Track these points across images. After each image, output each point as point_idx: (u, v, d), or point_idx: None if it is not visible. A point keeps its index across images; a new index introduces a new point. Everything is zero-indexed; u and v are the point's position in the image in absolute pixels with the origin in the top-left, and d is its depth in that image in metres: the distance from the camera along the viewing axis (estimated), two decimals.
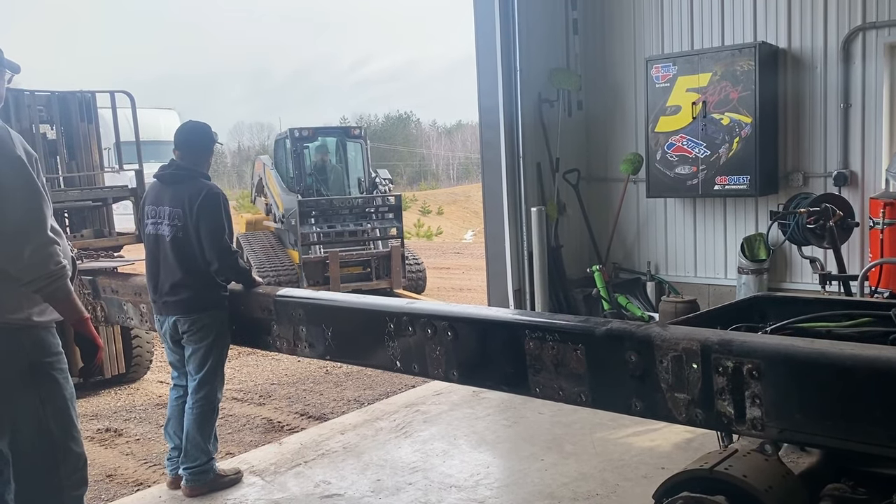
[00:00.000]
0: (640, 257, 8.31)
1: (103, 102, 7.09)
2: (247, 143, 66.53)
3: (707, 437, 3.48)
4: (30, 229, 2.71)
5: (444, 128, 72.75)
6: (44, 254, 2.72)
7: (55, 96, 6.78)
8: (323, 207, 11.18)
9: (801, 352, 2.22)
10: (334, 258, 10.68)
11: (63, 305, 2.85)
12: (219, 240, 4.10)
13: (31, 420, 2.82)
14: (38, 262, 2.71)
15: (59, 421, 2.88)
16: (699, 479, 2.25)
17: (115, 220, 7.14)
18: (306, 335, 3.64)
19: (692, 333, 2.45)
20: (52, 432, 2.86)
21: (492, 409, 5.55)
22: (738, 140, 7.14)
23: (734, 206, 7.64)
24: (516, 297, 7.76)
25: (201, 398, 4.24)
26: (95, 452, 5.46)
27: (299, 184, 11.89)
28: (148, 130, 12.86)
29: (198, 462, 4.27)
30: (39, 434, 2.83)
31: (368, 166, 12.72)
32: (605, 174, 8.40)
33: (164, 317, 4.27)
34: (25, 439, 2.82)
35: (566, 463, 4.51)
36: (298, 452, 4.96)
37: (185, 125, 4.41)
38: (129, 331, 6.93)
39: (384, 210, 11.47)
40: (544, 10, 7.90)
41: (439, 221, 34.34)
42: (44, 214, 2.75)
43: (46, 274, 2.73)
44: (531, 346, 2.79)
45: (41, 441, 2.84)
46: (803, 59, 7.13)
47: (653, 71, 7.56)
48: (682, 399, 2.43)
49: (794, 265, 7.38)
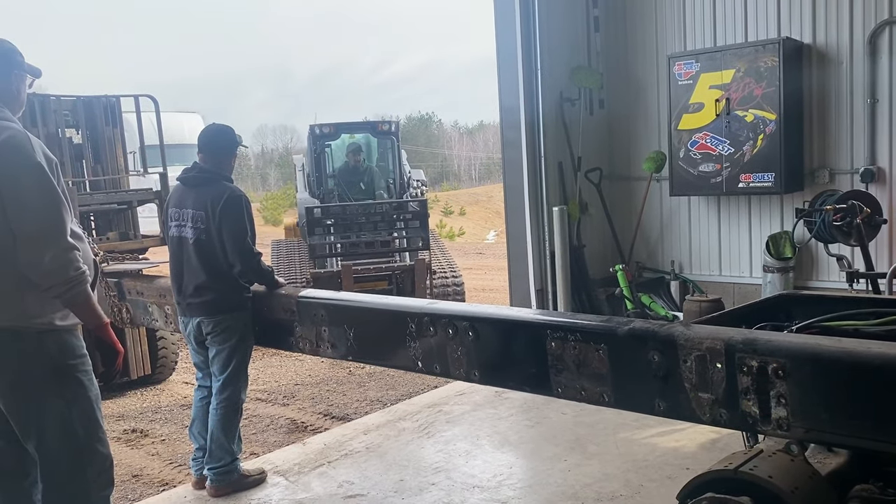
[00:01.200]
0: (663, 256, 8.24)
1: (128, 106, 7.17)
2: (270, 145, 67.08)
3: (732, 437, 3.44)
4: (49, 236, 2.73)
5: (466, 128, 72.88)
6: (63, 260, 2.74)
7: (81, 101, 6.87)
8: (336, 214, 9.45)
9: (827, 351, 2.19)
10: (347, 272, 9.05)
11: (82, 311, 2.88)
12: (241, 242, 4.13)
13: (57, 422, 2.85)
14: (57, 268, 2.73)
15: (85, 422, 2.91)
16: (724, 480, 2.23)
17: (139, 223, 7.22)
18: (329, 336, 3.65)
19: (716, 333, 2.42)
20: (78, 434, 2.89)
21: (514, 409, 5.54)
22: (763, 137, 7.06)
23: (759, 203, 7.55)
24: (538, 297, 7.73)
25: (225, 399, 4.27)
26: (122, 453, 5.52)
27: (319, 187, 10.77)
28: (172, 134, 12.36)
29: (222, 462, 4.30)
30: (66, 436, 2.87)
31: (400, 166, 11.29)
32: (628, 173, 8.35)
33: (188, 318, 4.30)
34: (52, 441, 2.86)
35: (589, 463, 4.49)
36: (322, 453, 4.98)
37: (209, 128, 4.44)
38: (154, 332, 7.00)
39: (408, 217, 9.59)
40: (565, 8, 7.87)
41: (461, 222, 34.34)
42: (63, 220, 2.77)
43: (65, 280, 2.75)
44: (553, 346, 2.77)
45: (68, 442, 2.88)
46: (828, 54, 7.03)
47: (675, 68, 7.50)
48: (707, 399, 2.41)
49: (820, 263, 7.28)
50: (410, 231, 9.49)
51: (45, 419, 2.84)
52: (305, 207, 9.52)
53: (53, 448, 2.87)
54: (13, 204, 2.70)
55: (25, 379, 2.81)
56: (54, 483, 2.90)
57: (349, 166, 11.09)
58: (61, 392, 2.85)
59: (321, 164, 11.02)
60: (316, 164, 10.97)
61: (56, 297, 2.78)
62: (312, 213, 9.19)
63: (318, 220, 9.21)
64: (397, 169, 11.30)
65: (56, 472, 2.89)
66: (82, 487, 2.91)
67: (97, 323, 2.93)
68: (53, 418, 2.85)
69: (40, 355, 2.82)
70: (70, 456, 2.89)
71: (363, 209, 9.52)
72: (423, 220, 9.45)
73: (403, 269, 9.62)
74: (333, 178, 11.09)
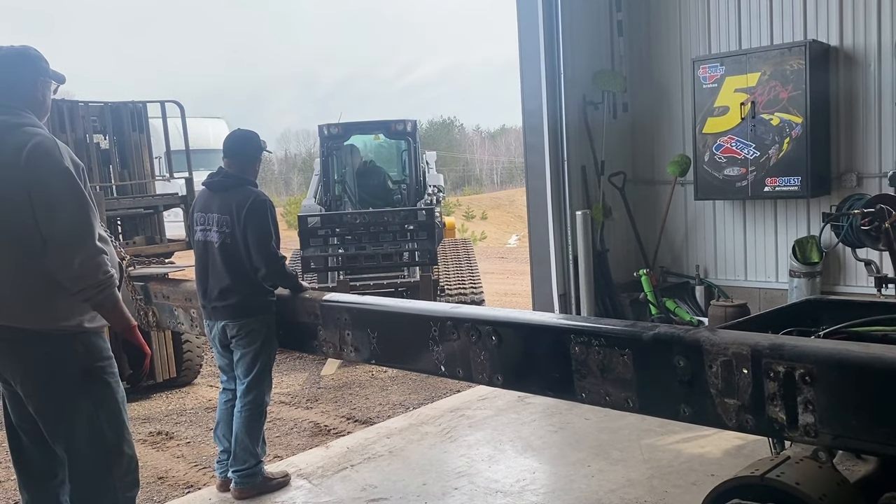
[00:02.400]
0: (688, 261, 8.18)
1: (154, 112, 7.26)
2: (293, 150, 67.47)
3: (758, 443, 3.41)
4: (78, 240, 2.78)
5: (488, 132, 72.82)
6: (92, 264, 2.79)
7: (108, 107, 6.97)
8: (333, 224, 8.32)
9: (855, 356, 2.17)
10: (343, 289, 7.96)
11: (111, 314, 2.93)
12: (266, 246, 4.16)
13: (85, 424, 2.90)
14: (86, 272, 2.78)
15: (112, 424, 2.96)
16: (750, 487, 2.21)
17: (165, 227, 7.30)
18: (352, 339, 3.66)
19: (742, 338, 2.40)
20: (105, 435, 2.93)
21: (537, 414, 5.52)
22: (789, 140, 6.99)
23: (785, 207, 7.48)
24: (561, 301, 7.70)
25: (249, 402, 4.30)
26: (147, 455, 5.57)
27: (326, 194, 9.83)
28: (197, 139, 12.07)
29: (246, 465, 4.33)
30: (94, 437, 2.91)
31: (416, 171, 10.20)
32: (652, 176, 8.30)
33: (213, 322, 4.34)
34: (81, 442, 2.91)
35: (613, 469, 4.46)
36: (345, 456, 4.99)
37: (233, 134, 4.49)
38: (179, 335, 7.07)
39: (414, 228, 8.49)
40: (588, 12, 7.84)
41: (483, 226, 34.33)
42: (91, 224, 2.82)
43: (95, 283, 2.80)
44: (577, 350, 2.76)
45: (95, 444, 2.92)
46: (856, 56, 6.95)
47: (700, 71, 7.45)
48: (732, 405, 2.39)
49: (847, 268, 7.19)
50: (416, 243, 8.40)
51: (75, 421, 2.89)
52: (299, 216, 8.55)
53: (82, 449, 2.91)
54: (42, 209, 2.75)
55: (55, 381, 2.86)
56: (82, 484, 2.95)
57: (354, 170, 10.24)
58: (90, 393, 2.90)
59: (328, 167, 10.10)
60: (324, 168, 10.07)
61: (85, 300, 2.83)
62: (306, 222, 8.09)
63: (313, 230, 8.08)
64: (412, 173, 10.22)
65: (84, 472, 2.94)
66: (109, 488, 2.95)
67: (125, 325, 2.99)
68: (82, 420, 2.89)
69: (69, 357, 2.87)
70: (98, 457, 2.93)
71: (363, 218, 8.43)
72: (431, 231, 8.34)
73: (408, 285, 8.69)
74: (340, 183, 10.12)
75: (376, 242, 8.33)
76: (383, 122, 10.31)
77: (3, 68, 2.88)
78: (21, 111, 2.86)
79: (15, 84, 2.89)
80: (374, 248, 8.29)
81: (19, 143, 2.76)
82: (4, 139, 2.77)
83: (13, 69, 2.89)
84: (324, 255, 8.09)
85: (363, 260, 8.38)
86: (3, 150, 2.76)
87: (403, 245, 8.40)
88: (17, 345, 2.84)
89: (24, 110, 2.87)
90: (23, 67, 2.91)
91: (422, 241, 8.33)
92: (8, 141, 2.77)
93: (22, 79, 2.90)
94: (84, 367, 2.89)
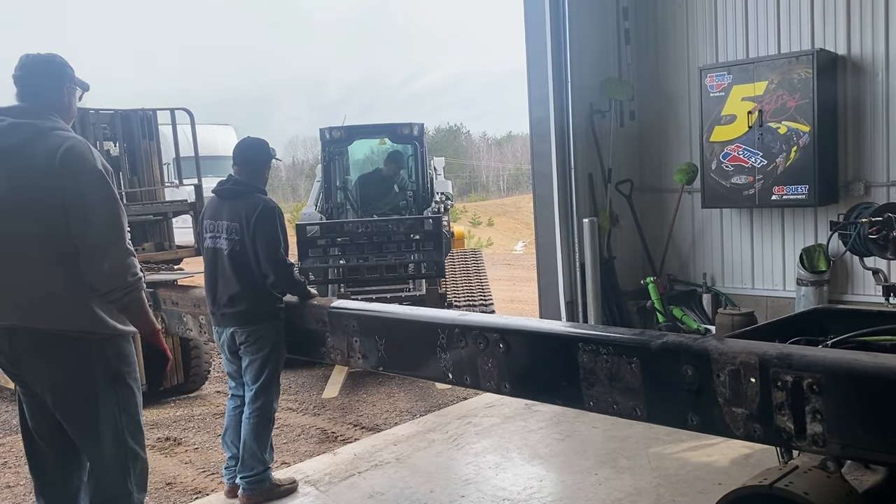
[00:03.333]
0: (695, 269, 8.17)
1: (163, 119, 7.31)
2: (301, 157, 67.63)
3: (766, 452, 3.41)
4: (110, 242, 2.82)
5: (495, 139, 72.89)
6: (122, 265, 2.83)
7: (118, 114, 7.01)
8: (333, 233, 7.66)
9: (864, 366, 2.17)
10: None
11: (137, 317, 2.96)
12: (274, 253, 4.18)
13: (111, 427, 2.93)
14: (116, 273, 2.82)
15: (132, 427, 2.99)
16: (758, 496, 2.21)
17: (174, 234, 7.33)
18: (360, 346, 3.68)
19: (750, 347, 2.41)
20: (126, 438, 2.97)
21: (544, 422, 5.52)
22: (796, 149, 6.99)
23: (792, 216, 7.47)
24: (568, 309, 7.70)
25: (258, 408, 4.31)
26: (156, 461, 5.59)
27: (328, 201, 9.12)
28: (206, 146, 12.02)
29: (254, 471, 4.34)
30: (117, 440, 2.94)
31: (423, 177, 9.46)
32: (659, 184, 8.30)
33: (221, 328, 4.36)
34: (107, 445, 2.93)
35: (621, 478, 4.46)
36: (352, 463, 5.00)
37: (243, 142, 4.52)
38: (188, 342, 7.09)
39: (420, 238, 7.80)
40: (595, 21, 7.86)
41: (490, 233, 34.33)
42: (122, 227, 2.87)
43: (124, 285, 2.83)
44: (585, 359, 2.77)
45: (117, 447, 2.95)
46: (863, 65, 6.95)
47: (707, 80, 7.46)
48: (740, 414, 2.39)
49: (855, 277, 7.17)
50: (422, 255, 7.73)
51: (101, 424, 2.91)
52: (297, 225, 7.79)
53: (106, 452, 2.93)
54: (76, 211, 2.79)
55: (86, 386, 2.89)
56: (104, 486, 2.97)
57: (382, 175, 9.43)
58: (116, 397, 2.94)
59: (330, 173, 9.30)
60: (325, 174, 9.27)
61: (112, 301, 2.86)
62: (304, 231, 7.45)
63: (313, 239, 7.42)
64: (419, 179, 9.43)
65: (106, 475, 2.97)
66: (128, 491, 2.98)
67: (150, 329, 3.02)
68: (108, 423, 2.92)
69: (100, 362, 2.90)
70: (119, 460, 2.96)
71: (366, 227, 7.79)
72: (438, 241, 7.65)
73: (413, 299, 8.14)
74: (343, 189, 9.36)
75: (380, 253, 7.69)
76: (388, 125, 9.62)
77: (31, 75, 2.93)
78: (49, 115, 2.90)
79: (43, 90, 2.93)
80: (377, 259, 7.67)
81: (52, 146, 2.80)
82: (35, 143, 2.81)
83: (41, 75, 2.94)
84: (323, 267, 7.44)
85: (365, 272, 7.74)
86: (34, 153, 2.79)
87: (409, 256, 7.78)
88: (49, 350, 2.85)
89: (53, 114, 2.91)
90: (50, 74, 2.96)
91: (428, 252, 7.70)
92: (39, 145, 2.81)
93: (49, 85, 2.95)
94: (113, 372, 2.92)
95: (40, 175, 2.78)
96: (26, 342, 2.85)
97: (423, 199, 9.33)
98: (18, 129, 2.83)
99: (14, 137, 2.82)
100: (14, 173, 2.80)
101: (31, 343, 2.85)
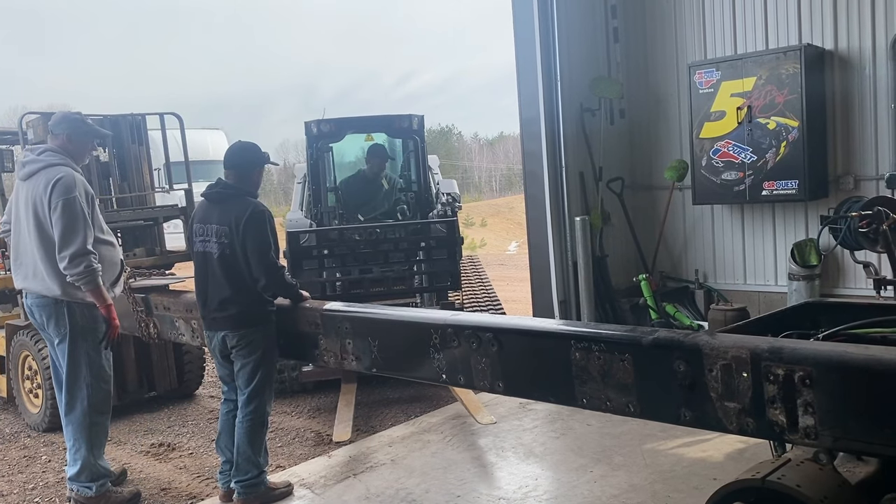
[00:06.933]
0: (687, 265, 8.20)
1: (153, 124, 7.27)
2: (293, 160, 67.52)
3: (759, 446, 3.41)
4: (69, 245, 4.26)
5: (486, 140, 72.90)
6: (77, 261, 4.24)
7: (107, 120, 6.95)
8: (331, 241, 6.64)
9: (855, 358, 2.18)
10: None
11: (93, 294, 4.35)
12: (265, 256, 4.17)
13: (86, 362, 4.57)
14: (73, 265, 4.24)
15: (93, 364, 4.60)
16: (751, 490, 2.22)
17: (165, 239, 7.30)
18: (353, 348, 3.68)
19: (741, 341, 2.42)
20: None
21: (539, 420, 5.52)
22: (786, 144, 7.02)
23: (783, 211, 7.50)
24: (562, 307, 7.72)
25: (251, 412, 4.30)
26: (150, 467, 5.57)
27: (317, 205, 7.78)
28: (197, 150, 11.86)
29: (249, 475, 4.33)
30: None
31: (424, 175, 8.08)
32: (650, 182, 8.33)
33: (213, 332, 4.35)
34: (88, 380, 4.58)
35: (616, 475, 4.47)
36: (347, 465, 4.99)
37: (234, 146, 4.50)
38: (180, 346, 7.06)
39: (431, 245, 6.77)
40: (584, 19, 7.88)
41: (483, 233, 34.36)
42: (81, 236, 4.27)
43: (77, 273, 4.25)
44: (577, 356, 2.78)
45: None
46: (851, 60, 6.99)
47: (696, 77, 7.48)
48: (733, 408, 2.40)
49: (846, 270, 7.21)
50: (434, 264, 6.82)
51: (80, 365, 4.55)
52: (288, 232, 6.69)
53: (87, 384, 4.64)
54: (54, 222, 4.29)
55: (75, 333, 4.47)
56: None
57: (366, 176, 7.90)
58: (88, 342, 4.52)
59: (318, 173, 7.87)
60: (313, 173, 7.83)
61: (75, 282, 4.29)
62: (297, 239, 6.49)
63: (307, 249, 6.50)
64: (421, 178, 8.06)
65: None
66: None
67: (103, 303, 4.39)
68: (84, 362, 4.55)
69: (97, 320, 4.48)
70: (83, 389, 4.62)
71: (368, 234, 6.66)
72: (452, 248, 6.61)
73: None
74: (334, 191, 8.00)
75: (385, 263, 6.87)
76: (385, 117, 8.25)
77: (54, 126, 4.57)
78: (56, 153, 4.46)
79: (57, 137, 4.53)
80: (381, 271, 6.89)
81: (50, 177, 4.32)
82: (39, 177, 4.36)
83: (58, 127, 4.55)
84: (321, 281, 6.56)
85: (369, 285, 6.94)
86: (38, 183, 4.33)
87: (418, 266, 7.00)
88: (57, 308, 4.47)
89: (59, 153, 4.46)
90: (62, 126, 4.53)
91: (441, 261, 6.74)
92: (42, 177, 4.35)
93: (60, 134, 4.52)
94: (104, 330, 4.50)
95: (43, 197, 4.33)
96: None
97: (426, 200, 7.99)
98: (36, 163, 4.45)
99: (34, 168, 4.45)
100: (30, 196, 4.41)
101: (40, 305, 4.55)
